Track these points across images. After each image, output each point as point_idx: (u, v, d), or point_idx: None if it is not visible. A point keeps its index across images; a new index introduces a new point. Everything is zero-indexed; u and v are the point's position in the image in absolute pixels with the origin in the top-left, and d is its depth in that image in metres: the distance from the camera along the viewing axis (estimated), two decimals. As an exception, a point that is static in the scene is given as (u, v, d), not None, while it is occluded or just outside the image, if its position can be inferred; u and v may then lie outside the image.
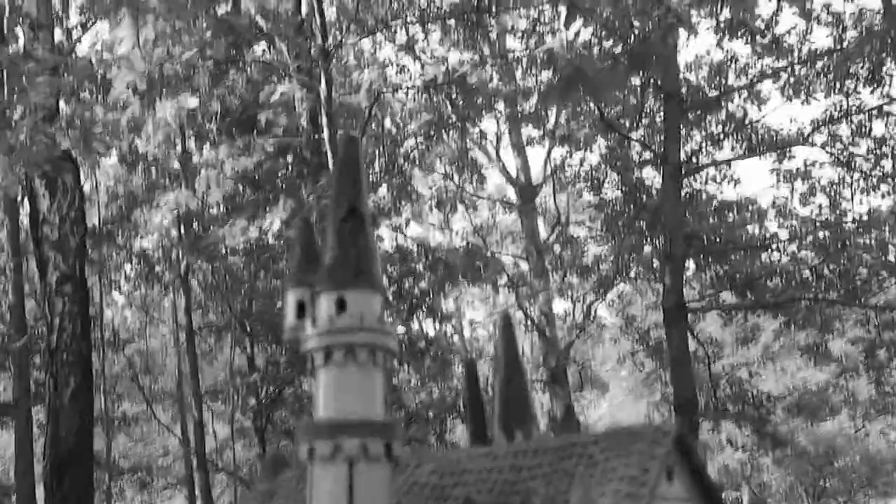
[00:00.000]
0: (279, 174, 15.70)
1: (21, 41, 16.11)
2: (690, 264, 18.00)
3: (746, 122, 17.85)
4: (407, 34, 17.36)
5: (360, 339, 3.65)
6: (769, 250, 17.97)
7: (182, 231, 17.37)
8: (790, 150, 17.99)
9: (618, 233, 19.10)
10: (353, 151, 3.91)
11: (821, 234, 17.28)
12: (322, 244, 3.93)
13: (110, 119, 13.23)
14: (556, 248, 21.47)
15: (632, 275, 20.76)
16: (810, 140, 17.44)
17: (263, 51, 16.09)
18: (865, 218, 17.05)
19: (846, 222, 17.33)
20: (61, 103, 14.62)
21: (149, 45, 12.30)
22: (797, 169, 18.08)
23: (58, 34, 16.78)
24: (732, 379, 23.45)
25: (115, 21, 12.89)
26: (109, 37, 13.48)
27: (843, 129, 17.41)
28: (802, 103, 17.17)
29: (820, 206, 17.90)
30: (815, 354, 22.32)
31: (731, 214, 18.51)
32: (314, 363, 3.73)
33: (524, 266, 22.05)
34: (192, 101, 13.17)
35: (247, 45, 15.01)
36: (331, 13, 15.31)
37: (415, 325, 18.73)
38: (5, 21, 15.13)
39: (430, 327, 19.72)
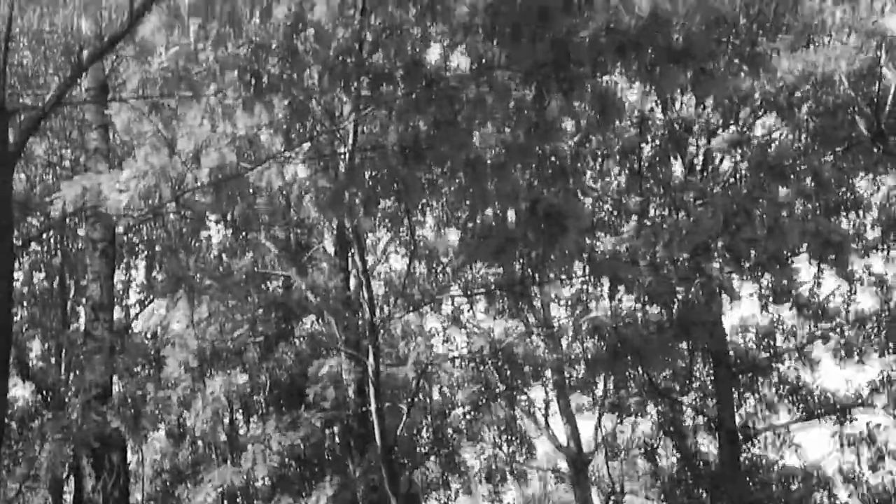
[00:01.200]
0: (326, 447, 15.46)
1: (82, 320, 16.71)
2: (758, 537, 16.95)
3: (800, 385, 17.51)
4: (453, 305, 17.72)
5: None
6: (841, 522, 16.97)
7: (225, 508, 16.90)
8: (850, 414, 17.43)
9: (676, 502, 18.30)
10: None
11: (895, 504, 16.34)
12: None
13: (161, 396, 13.37)
14: (613, 519, 20.46)
15: (695, 549, 19.53)
16: (870, 403, 16.95)
17: (312, 323, 16.43)
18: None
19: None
20: (114, 379, 14.88)
21: (202, 324, 12.67)
22: (860, 433, 17.43)
23: (117, 312, 17.42)
24: None
25: (171, 301, 13.40)
26: (165, 316, 13.96)
27: (903, 392, 16.94)
28: (857, 364, 16.86)
29: (891, 472, 17.06)
30: None
31: (795, 482, 17.68)
32: None
33: (580, 540, 20.88)
34: (242, 377, 13.31)
35: (296, 320, 15.36)
36: (378, 288, 15.76)
37: None
38: (69, 303, 15.85)
39: None
